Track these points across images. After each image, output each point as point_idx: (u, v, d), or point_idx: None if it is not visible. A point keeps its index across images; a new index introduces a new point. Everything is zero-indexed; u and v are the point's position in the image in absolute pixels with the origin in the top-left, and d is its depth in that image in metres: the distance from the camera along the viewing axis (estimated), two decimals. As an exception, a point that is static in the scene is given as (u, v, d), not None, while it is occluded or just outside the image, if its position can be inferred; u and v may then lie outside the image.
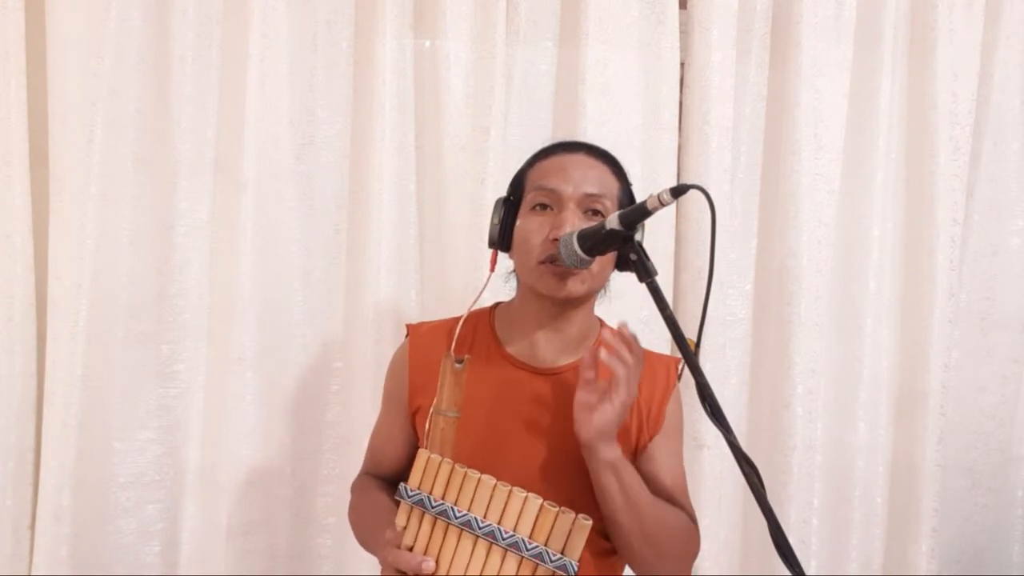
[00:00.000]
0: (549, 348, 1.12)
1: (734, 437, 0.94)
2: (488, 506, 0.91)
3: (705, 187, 0.96)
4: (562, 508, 0.90)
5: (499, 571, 0.90)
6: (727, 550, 1.68)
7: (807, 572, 0.91)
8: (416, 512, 0.93)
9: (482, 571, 0.90)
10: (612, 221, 0.98)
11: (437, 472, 0.93)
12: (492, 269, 1.15)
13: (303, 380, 1.58)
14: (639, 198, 0.99)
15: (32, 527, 1.47)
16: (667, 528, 1.06)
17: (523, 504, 0.90)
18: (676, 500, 1.14)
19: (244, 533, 1.55)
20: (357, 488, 1.23)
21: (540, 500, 0.91)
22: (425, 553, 0.92)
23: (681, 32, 1.62)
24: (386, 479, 1.21)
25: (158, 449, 1.53)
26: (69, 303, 1.44)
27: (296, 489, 1.59)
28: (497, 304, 1.21)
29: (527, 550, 0.89)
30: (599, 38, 1.58)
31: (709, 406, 0.96)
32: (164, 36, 1.49)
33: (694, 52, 1.61)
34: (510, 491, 0.91)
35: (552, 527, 0.89)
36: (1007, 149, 1.74)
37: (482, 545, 0.90)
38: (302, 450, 1.59)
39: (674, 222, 1.63)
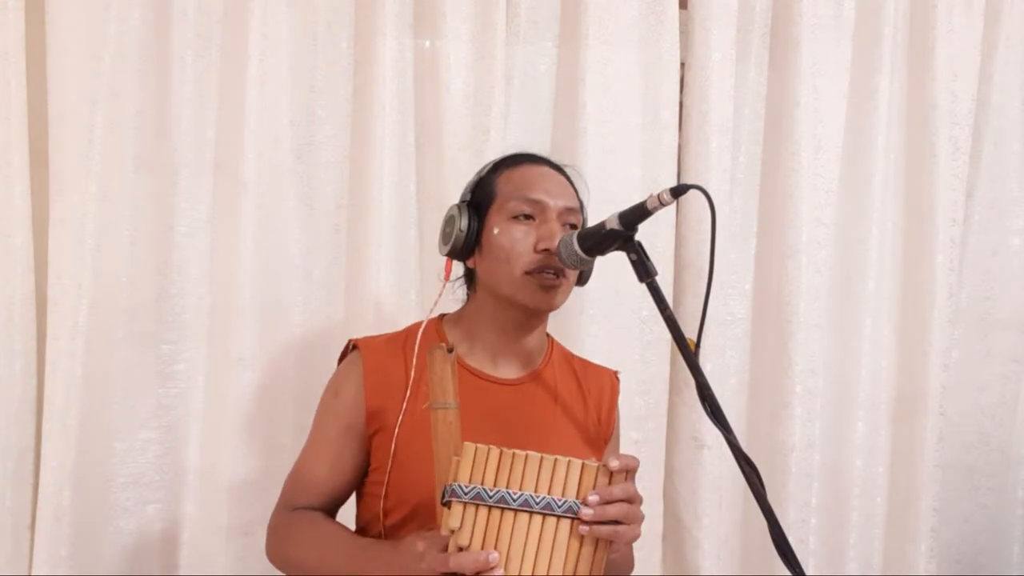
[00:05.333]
0: (510, 359, 1.13)
1: (734, 437, 0.94)
2: (537, 480, 0.92)
3: (705, 187, 0.96)
4: (600, 463, 0.92)
5: (555, 538, 0.91)
6: (727, 550, 1.68)
7: (806, 572, 0.91)
8: (470, 508, 0.91)
9: (540, 541, 0.91)
10: (612, 221, 0.98)
11: (487, 461, 0.92)
12: (447, 278, 1.13)
13: (303, 380, 1.58)
14: (638, 198, 0.99)
15: (32, 527, 1.47)
16: (628, 562, 1.11)
17: (567, 469, 0.92)
18: None
19: (244, 533, 1.55)
20: (297, 523, 1.09)
21: (580, 461, 0.92)
22: (483, 546, 0.89)
23: (681, 32, 1.62)
24: (321, 511, 1.11)
25: (158, 449, 1.53)
26: (69, 303, 1.44)
27: (296, 489, 1.59)
28: (443, 316, 1.18)
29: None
30: (599, 38, 1.58)
31: (709, 406, 0.96)
32: (164, 36, 1.49)
33: (694, 52, 1.61)
34: (555, 460, 0.92)
35: (595, 482, 0.92)
36: (1007, 149, 1.74)
37: (537, 519, 0.91)
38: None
39: (674, 222, 1.63)
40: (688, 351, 0.97)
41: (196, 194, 1.52)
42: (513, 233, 1.06)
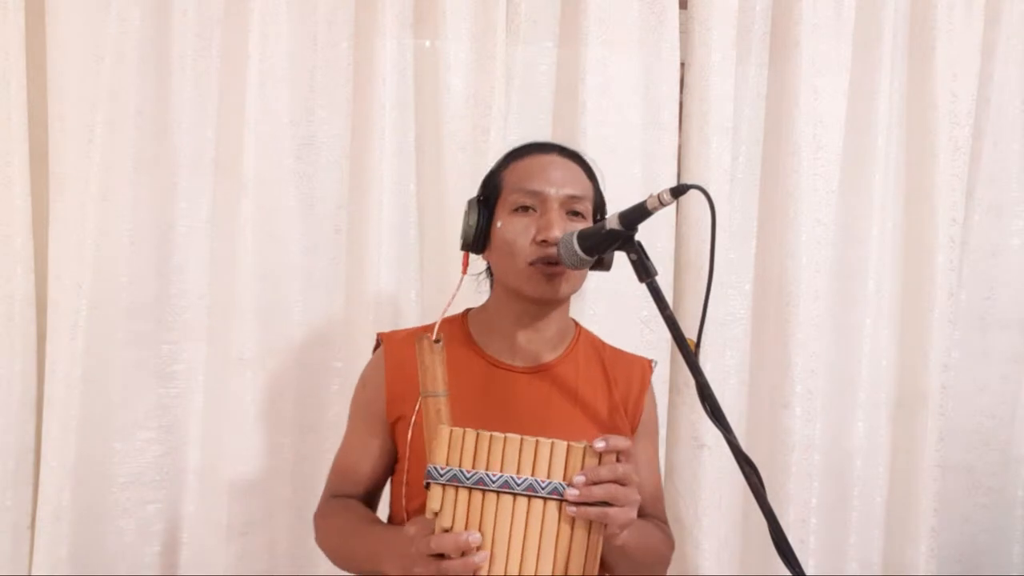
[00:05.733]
0: (528, 348, 1.13)
1: (734, 437, 0.94)
2: (519, 462, 0.91)
3: (705, 187, 0.96)
4: (587, 444, 0.91)
5: (543, 520, 0.91)
6: (727, 550, 1.68)
7: (806, 572, 0.91)
8: (449, 491, 0.91)
9: (527, 524, 0.90)
10: (612, 221, 0.98)
11: (463, 443, 0.92)
12: (464, 272, 1.14)
13: (303, 380, 1.58)
14: (638, 198, 0.99)
15: (32, 527, 1.47)
16: (656, 556, 1.09)
17: (551, 451, 0.91)
18: (656, 510, 1.16)
19: (244, 533, 1.55)
20: (329, 513, 1.15)
21: (565, 442, 0.91)
22: (466, 528, 0.90)
23: (681, 32, 1.62)
24: (360, 499, 1.16)
25: (158, 449, 1.53)
26: (69, 303, 1.44)
27: (296, 489, 1.59)
28: (468, 310, 1.20)
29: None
30: (599, 38, 1.58)
31: (709, 406, 0.96)
32: (164, 36, 1.49)
33: (694, 52, 1.61)
34: (537, 441, 0.92)
35: (583, 463, 0.91)
36: (1007, 149, 1.74)
37: (522, 501, 0.91)
38: (302, 450, 1.59)
39: (674, 222, 1.63)
40: (688, 351, 0.97)
41: (196, 194, 1.53)
42: (514, 226, 1.07)
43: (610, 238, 0.98)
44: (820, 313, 1.65)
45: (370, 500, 1.18)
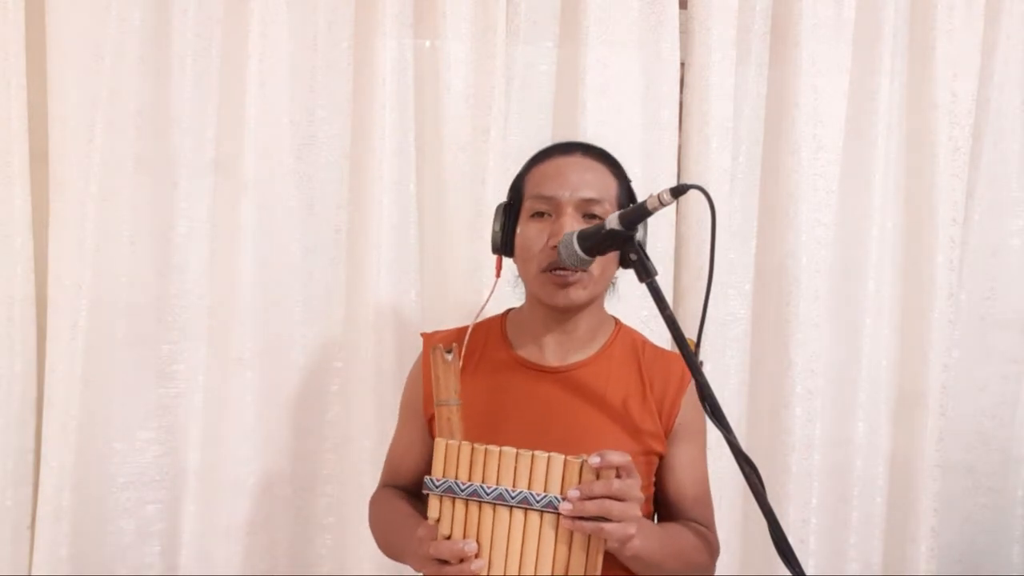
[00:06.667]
0: (558, 349, 1.13)
1: (734, 437, 0.94)
2: (515, 475, 0.93)
3: (705, 187, 0.96)
4: (584, 458, 0.91)
5: (540, 532, 0.92)
6: (727, 550, 1.68)
7: (806, 572, 0.91)
8: (447, 501, 0.94)
9: (524, 536, 0.92)
10: (612, 221, 0.98)
11: (458, 456, 0.94)
12: (497, 275, 1.15)
13: (303, 380, 1.58)
14: (639, 196, 0.99)
15: (32, 527, 1.47)
16: (685, 561, 1.06)
17: (547, 464, 0.92)
18: (697, 514, 1.13)
19: (244, 533, 1.55)
20: (376, 501, 1.22)
21: (562, 456, 0.92)
22: (464, 536, 0.92)
23: (681, 32, 1.62)
24: (406, 490, 1.21)
25: (158, 449, 1.53)
26: (69, 303, 1.44)
27: (296, 489, 1.59)
28: (508, 310, 1.21)
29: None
30: (599, 38, 1.58)
31: (709, 406, 0.97)
32: (164, 36, 1.49)
33: (694, 52, 1.61)
34: (532, 455, 0.92)
35: (579, 478, 0.91)
36: (1007, 149, 1.74)
37: (518, 513, 0.92)
38: (302, 450, 1.59)
39: (674, 222, 1.63)
40: (688, 351, 0.97)
41: (196, 194, 1.53)
42: (529, 232, 1.08)
43: (610, 238, 0.98)
44: (820, 313, 1.65)
45: (418, 490, 1.21)
